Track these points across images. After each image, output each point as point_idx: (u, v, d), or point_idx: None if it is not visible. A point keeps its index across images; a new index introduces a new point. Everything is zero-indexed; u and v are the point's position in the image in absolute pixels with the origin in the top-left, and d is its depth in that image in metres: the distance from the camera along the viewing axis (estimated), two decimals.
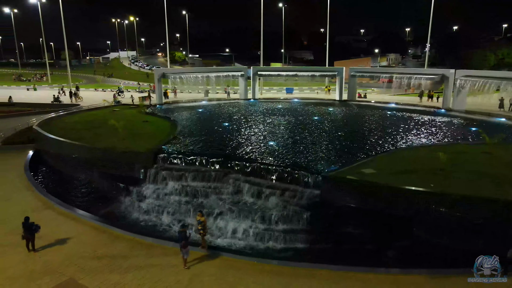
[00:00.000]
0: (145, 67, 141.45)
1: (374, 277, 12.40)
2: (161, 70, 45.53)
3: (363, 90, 57.47)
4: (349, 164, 18.27)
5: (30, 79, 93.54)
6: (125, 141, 23.16)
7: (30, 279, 12.24)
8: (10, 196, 19.47)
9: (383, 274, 12.58)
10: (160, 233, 16.39)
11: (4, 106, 48.42)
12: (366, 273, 12.63)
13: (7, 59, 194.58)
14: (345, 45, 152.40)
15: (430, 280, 12.13)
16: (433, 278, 12.24)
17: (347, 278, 12.39)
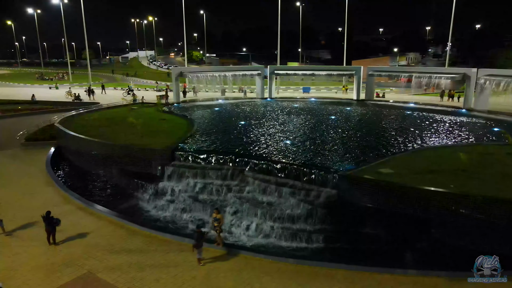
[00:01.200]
0: (163, 66, 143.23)
1: (392, 278, 12.20)
2: (179, 69, 45.97)
3: (381, 89, 56.71)
4: (367, 164, 18.03)
5: (52, 78, 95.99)
6: (143, 138, 23.48)
7: (51, 271, 12.53)
8: (33, 190, 20.01)
9: (400, 275, 12.36)
10: (176, 229, 16.53)
11: (28, 104, 49.84)
12: (383, 273, 12.43)
13: (31, 58, 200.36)
14: (363, 44, 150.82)
15: (450, 283, 11.85)
16: (452, 280, 11.96)
17: (364, 278, 12.22)
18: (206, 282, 11.98)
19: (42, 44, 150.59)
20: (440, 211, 14.21)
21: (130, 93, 54.31)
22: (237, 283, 11.97)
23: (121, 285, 11.77)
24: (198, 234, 12.98)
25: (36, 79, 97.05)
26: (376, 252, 14.39)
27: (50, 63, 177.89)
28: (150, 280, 12.04)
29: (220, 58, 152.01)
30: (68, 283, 11.91)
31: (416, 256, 13.97)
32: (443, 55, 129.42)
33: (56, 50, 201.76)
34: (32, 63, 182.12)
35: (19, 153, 27.56)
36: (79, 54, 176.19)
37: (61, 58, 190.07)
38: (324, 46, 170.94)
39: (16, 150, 28.30)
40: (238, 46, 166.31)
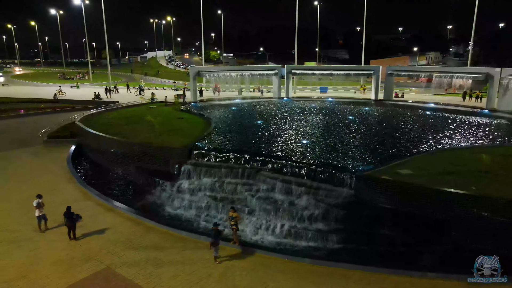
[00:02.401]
0: (181, 66, 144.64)
1: (409, 281, 11.99)
2: (196, 68, 46.35)
3: (400, 89, 55.75)
4: (385, 164, 17.78)
5: (73, 78, 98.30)
6: (160, 137, 23.78)
7: (71, 266, 12.84)
8: (54, 186, 20.54)
9: (418, 278, 12.13)
10: (192, 227, 16.67)
11: (50, 102, 51.17)
12: (400, 276, 12.24)
13: (53, 58, 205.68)
14: (382, 44, 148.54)
15: (470, 287, 11.57)
16: (473, 285, 11.67)
17: (381, 280, 12.06)
18: (222, 280, 12.04)
19: (64, 44, 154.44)
20: (461, 213, 13.89)
21: (141, 93, 55.34)
22: (252, 281, 11.99)
23: (138, 281, 11.95)
24: (215, 231, 13.05)
25: (58, 78, 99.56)
26: (393, 254, 14.19)
27: (71, 63, 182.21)
28: (167, 276, 12.18)
29: (237, 58, 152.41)
30: (88, 277, 12.17)
31: (435, 258, 13.67)
32: (465, 54, 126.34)
33: (77, 50, 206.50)
34: (54, 63, 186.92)
35: (41, 150, 28.33)
36: (99, 54, 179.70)
37: (82, 58, 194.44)
38: (342, 46, 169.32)
39: (38, 147, 29.11)
40: (255, 46, 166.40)
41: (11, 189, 20.23)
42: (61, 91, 56.01)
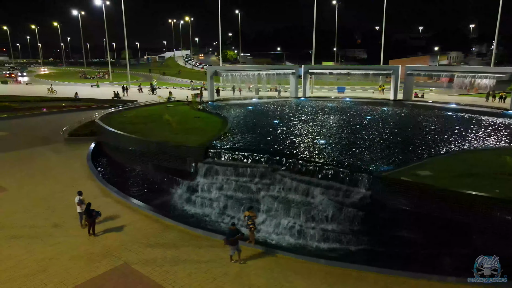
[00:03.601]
0: (198, 65, 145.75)
1: (428, 285, 11.72)
2: (213, 68, 46.60)
3: (420, 89, 54.67)
4: (404, 165, 17.46)
5: (93, 77, 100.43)
6: (178, 135, 23.99)
7: (90, 261, 13.08)
8: (75, 183, 20.98)
9: (437, 282, 11.84)
10: (208, 226, 16.75)
11: (71, 101, 52.40)
12: (419, 279, 11.97)
13: (75, 58, 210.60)
14: (401, 43, 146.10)
15: None
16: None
17: (398, 283, 11.82)
18: (237, 279, 12.05)
19: (85, 44, 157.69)
20: (483, 216, 13.49)
21: (154, 92, 56.33)
22: (268, 281, 11.95)
23: (154, 277, 12.08)
24: (231, 231, 12.99)
25: (79, 78, 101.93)
26: (411, 257, 13.91)
27: (92, 62, 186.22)
28: (183, 274, 12.27)
29: (254, 58, 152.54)
30: (106, 272, 12.38)
31: (455, 262, 13.34)
32: (488, 54, 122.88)
33: (98, 50, 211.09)
34: (76, 62, 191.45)
35: (62, 148, 29.02)
36: (118, 54, 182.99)
37: (102, 58, 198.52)
38: (360, 45, 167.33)
39: (60, 144, 29.82)
40: (272, 46, 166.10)
41: (34, 184, 20.78)
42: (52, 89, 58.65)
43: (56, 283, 11.74)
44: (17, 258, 13.23)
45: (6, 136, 32.61)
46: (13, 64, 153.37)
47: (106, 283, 11.80)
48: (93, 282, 11.85)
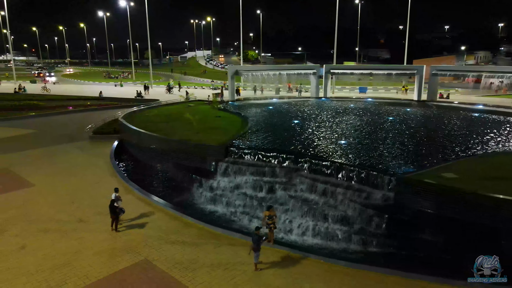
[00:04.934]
0: (219, 65, 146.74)
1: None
2: (234, 67, 46.81)
3: (445, 90, 53.27)
4: (427, 167, 17.05)
5: (117, 76, 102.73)
6: (198, 134, 24.21)
7: (112, 256, 13.37)
8: (98, 180, 21.51)
9: (461, 287, 11.50)
10: (228, 224, 16.82)
11: (96, 100, 53.77)
12: (442, 284, 11.63)
13: (100, 58, 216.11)
14: (426, 43, 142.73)
15: None
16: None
17: (420, 287, 11.55)
18: (255, 279, 12.04)
19: (110, 45, 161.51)
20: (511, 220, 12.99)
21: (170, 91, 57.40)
22: (286, 281, 11.89)
23: (174, 274, 12.22)
24: (256, 236, 12.51)
25: (104, 77, 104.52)
26: (434, 261, 13.54)
27: (116, 62, 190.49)
28: (201, 271, 12.36)
29: (275, 58, 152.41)
30: (127, 268, 12.62)
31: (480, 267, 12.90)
32: None
33: (122, 50, 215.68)
34: (100, 62, 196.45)
35: (87, 145, 29.80)
36: (142, 54, 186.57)
37: (125, 58, 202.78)
38: (383, 45, 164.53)
39: (85, 142, 30.64)
40: (293, 46, 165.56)
41: (60, 180, 21.42)
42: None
43: (80, 277, 12.05)
44: (44, 250, 13.67)
45: (34, 134, 33.76)
46: (42, 64, 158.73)
47: (127, 278, 12.02)
48: (115, 277, 12.10)
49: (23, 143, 30.24)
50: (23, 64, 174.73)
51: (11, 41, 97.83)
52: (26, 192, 19.70)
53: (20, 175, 22.36)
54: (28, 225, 15.77)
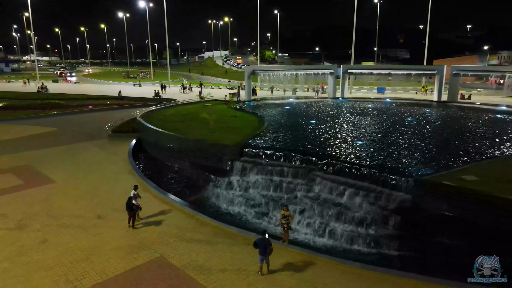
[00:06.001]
0: (236, 65, 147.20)
1: None
2: (251, 67, 46.88)
3: (467, 91, 51.99)
4: (447, 169, 16.68)
5: (136, 76, 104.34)
6: (214, 134, 24.37)
7: (128, 252, 13.60)
8: (116, 177, 21.91)
9: None
10: (243, 223, 16.86)
11: (115, 99, 54.76)
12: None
13: (119, 59, 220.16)
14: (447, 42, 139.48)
15: None
16: None
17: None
18: (269, 278, 12.04)
19: (129, 45, 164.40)
20: None
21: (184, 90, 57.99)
22: (300, 281, 11.84)
23: (189, 271, 12.34)
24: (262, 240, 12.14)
25: (123, 77, 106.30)
26: (453, 264, 13.22)
27: (135, 62, 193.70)
28: (216, 269, 12.44)
29: (292, 58, 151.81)
30: (143, 264, 12.81)
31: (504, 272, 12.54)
32: None
33: (140, 51, 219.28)
34: (120, 62, 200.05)
35: (106, 143, 30.39)
36: (160, 54, 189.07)
37: (144, 58, 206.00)
38: (403, 45, 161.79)
39: (104, 140, 31.25)
40: (310, 46, 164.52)
41: (80, 178, 21.92)
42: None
43: (97, 272, 12.31)
44: (65, 245, 14.02)
45: (56, 132, 34.65)
46: (64, 64, 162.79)
47: (143, 274, 12.21)
48: (131, 273, 12.30)
49: (45, 140, 31.09)
50: (46, 64, 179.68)
51: (35, 42, 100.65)
52: (48, 188, 20.25)
53: (42, 172, 23.00)
54: (49, 220, 16.22)
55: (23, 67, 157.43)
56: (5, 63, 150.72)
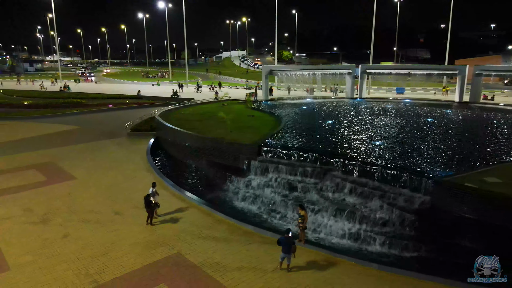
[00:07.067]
0: (254, 65, 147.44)
1: None
2: (268, 67, 46.88)
3: (490, 91, 50.62)
4: (468, 171, 16.29)
5: (154, 76, 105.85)
6: (232, 133, 24.49)
7: (146, 248, 13.82)
8: (135, 175, 22.29)
9: None
10: (259, 222, 16.88)
11: (134, 98, 55.68)
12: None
13: (138, 59, 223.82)
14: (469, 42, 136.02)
15: None
16: None
17: None
18: (286, 277, 12.02)
19: (148, 45, 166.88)
20: None
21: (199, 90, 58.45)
22: (317, 281, 11.78)
23: (206, 268, 12.44)
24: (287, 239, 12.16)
25: (142, 77, 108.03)
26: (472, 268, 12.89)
27: (153, 62, 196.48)
28: (232, 267, 12.50)
29: (309, 58, 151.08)
30: (161, 260, 12.99)
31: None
32: None
33: (159, 51, 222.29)
34: (139, 62, 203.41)
35: (125, 142, 30.93)
36: (178, 55, 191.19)
37: (163, 58, 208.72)
38: (423, 45, 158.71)
39: (123, 138, 31.82)
40: (328, 46, 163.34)
41: (100, 175, 22.40)
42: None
43: (116, 266, 12.56)
44: (85, 240, 14.37)
45: (77, 130, 35.50)
46: (85, 64, 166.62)
47: (160, 270, 12.38)
48: (149, 268, 12.49)
49: (67, 138, 31.90)
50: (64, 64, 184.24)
51: (58, 43, 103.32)
52: (69, 184, 20.78)
53: (64, 168, 23.62)
54: (71, 215, 16.64)
55: (46, 67, 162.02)
56: (29, 63, 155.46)
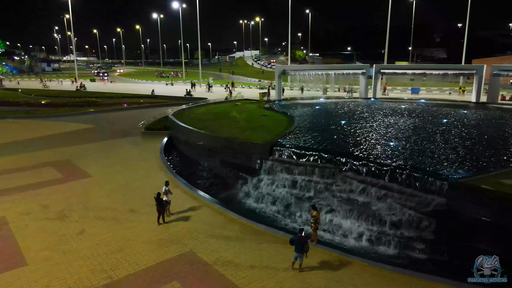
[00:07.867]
0: (267, 65, 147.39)
1: None
2: (282, 67, 46.81)
3: (508, 92, 49.52)
4: (484, 173, 15.98)
5: (168, 76, 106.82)
6: (244, 132, 24.55)
7: (159, 245, 13.98)
8: (148, 173, 22.56)
9: None
10: (271, 222, 16.88)
11: (148, 98, 56.33)
12: None
13: (152, 59, 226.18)
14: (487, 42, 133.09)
15: None
16: None
17: None
18: (298, 277, 12.01)
19: (162, 46, 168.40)
20: None
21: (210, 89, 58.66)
22: (329, 281, 11.74)
23: (217, 267, 12.52)
24: (300, 238, 12.22)
25: (156, 76, 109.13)
26: None
27: (167, 62, 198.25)
28: (244, 266, 12.55)
29: (323, 58, 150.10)
30: (173, 258, 13.13)
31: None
32: None
33: (173, 51, 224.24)
34: (153, 62, 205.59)
35: (139, 140, 31.33)
36: (192, 55, 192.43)
37: (176, 58, 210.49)
38: (439, 44, 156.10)
39: (137, 137, 32.23)
40: (342, 45, 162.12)
41: (114, 173, 22.74)
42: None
43: (130, 263, 12.75)
44: (100, 236, 14.63)
45: (92, 129, 36.12)
46: (101, 64, 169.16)
47: (173, 267, 12.51)
48: (162, 265, 12.64)
49: (83, 137, 32.48)
50: (85, 64, 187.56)
51: (75, 43, 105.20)
52: (85, 182, 21.15)
53: (79, 166, 24.05)
54: (87, 212, 16.95)
55: (63, 67, 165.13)
56: (47, 63, 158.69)
